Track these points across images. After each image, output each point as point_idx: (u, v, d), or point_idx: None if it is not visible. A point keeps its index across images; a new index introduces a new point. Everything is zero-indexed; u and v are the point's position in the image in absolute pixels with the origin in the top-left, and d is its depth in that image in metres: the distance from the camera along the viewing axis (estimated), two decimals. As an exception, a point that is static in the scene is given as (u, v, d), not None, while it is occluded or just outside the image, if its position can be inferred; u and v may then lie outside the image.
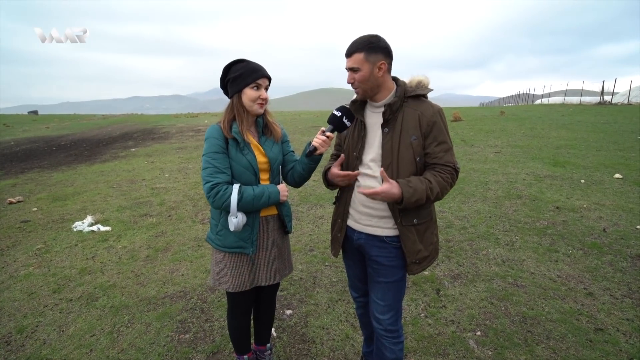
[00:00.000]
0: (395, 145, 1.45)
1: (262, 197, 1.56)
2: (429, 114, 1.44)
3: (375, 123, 1.53)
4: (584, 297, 2.63)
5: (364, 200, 1.55)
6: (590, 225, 3.84)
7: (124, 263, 3.37)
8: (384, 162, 1.47)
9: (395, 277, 1.56)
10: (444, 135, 1.45)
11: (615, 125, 11.78)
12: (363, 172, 1.56)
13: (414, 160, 1.46)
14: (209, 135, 1.57)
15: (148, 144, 12.74)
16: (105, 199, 5.77)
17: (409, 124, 1.45)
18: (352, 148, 1.59)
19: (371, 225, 1.55)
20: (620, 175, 5.76)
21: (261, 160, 1.64)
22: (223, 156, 1.56)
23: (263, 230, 1.69)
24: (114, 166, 8.84)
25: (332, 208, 1.82)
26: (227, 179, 1.54)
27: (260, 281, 1.71)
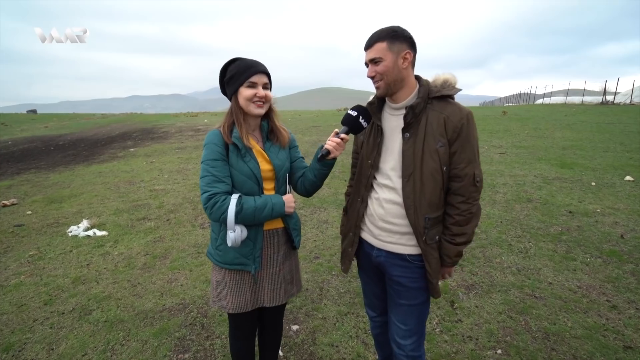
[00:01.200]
0: (418, 152, 1.30)
1: (264, 209, 1.40)
2: (456, 118, 1.28)
3: (395, 127, 1.38)
4: (607, 310, 2.47)
5: (383, 214, 1.40)
6: (607, 231, 3.68)
7: (120, 271, 3.21)
8: (404, 171, 1.32)
9: (419, 299, 1.42)
10: (471, 143, 1.30)
11: (620, 125, 11.63)
12: (381, 182, 1.41)
13: (440, 170, 1.30)
14: (208, 141, 1.44)
15: (147, 143, 12.57)
16: (103, 201, 5.61)
17: (433, 129, 1.29)
18: (366, 155, 1.45)
19: (392, 242, 1.40)
20: (632, 177, 5.61)
21: (265, 167, 1.49)
22: (222, 164, 1.42)
23: (267, 246, 1.53)
24: (112, 167, 8.67)
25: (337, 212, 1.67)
26: (226, 188, 1.39)
27: (263, 301, 1.54)
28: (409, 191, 1.31)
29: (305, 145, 9.59)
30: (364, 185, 1.45)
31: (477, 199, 1.32)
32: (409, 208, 1.31)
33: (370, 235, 1.47)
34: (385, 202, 1.38)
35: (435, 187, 1.30)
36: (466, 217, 1.30)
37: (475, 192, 1.31)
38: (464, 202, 1.30)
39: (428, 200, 1.30)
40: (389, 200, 1.37)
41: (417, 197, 1.30)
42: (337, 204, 4.95)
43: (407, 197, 1.31)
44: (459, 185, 1.30)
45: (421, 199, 1.30)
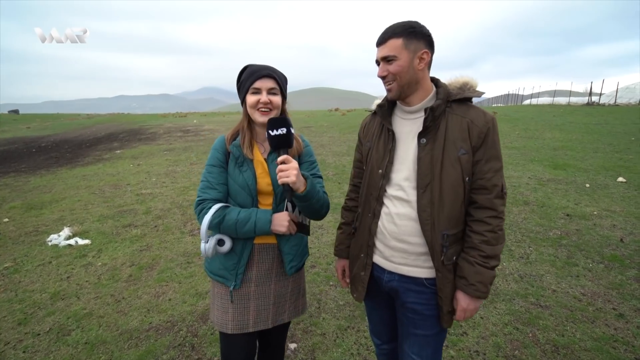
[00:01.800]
0: (437, 160, 1.15)
1: (246, 223, 1.27)
2: (481, 122, 1.15)
3: (409, 132, 1.24)
4: (615, 319, 2.40)
5: (396, 232, 1.23)
6: (606, 235, 3.64)
7: (103, 285, 3.01)
8: (420, 181, 1.17)
9: (437, 328, 1.26)
10: (496, 150, 1.17)
11: (607, 126, 11.82)
12: (392, 194, 1.25)
13: (462, 181, 1.16)
14: (213, 146, 1.41)
15: (134, 145, 12.23)
16: (86, 206, 5.35)
17: (455, 134, 1.16)
18: (376, 164, 1.29)
19: (407, 265, 1.24)
20: (624, 179, 5.64)
21: (263, 181, 1.35)
22: (219, 170, 1.37)
23: (259, 261, 1.39)
24: (97, 170, 8.36)
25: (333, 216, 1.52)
26: (217, 196, 1.34)
27: (248, 325, 1.37)
28: (426, 204, 1.16)
29: None
30: (375, 197, 1.29)
31: (504, 213, 1.17)
32: (425, 223, 1.16)
33: (380, 257, 1.31)
34: (398, 218, 1.22)
35: (456, 200, 1.16)
36: (498, 234, 1.15)
37: (503, 205, 1.16)
38: (495, 217, 1.14)
39: (447, 214, 1.15)
40: (403, 216, 1.21)
41: (434, 211, 1.15)
42: (332, 208, 4.79)
43: (423, 211, 1.16)
44: (487, 198, 1.15)
45: (439, 213, 1.15)
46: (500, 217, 1.15)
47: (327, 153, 8.55)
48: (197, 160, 8.77)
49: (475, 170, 1.16)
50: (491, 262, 1.15)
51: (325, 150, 8.93)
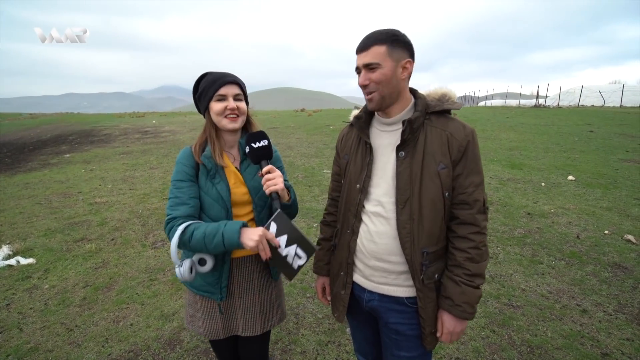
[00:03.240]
0: (416, 174, 1.12)
1: (214, 237, 1.16)
2: (460, 136, 1.12)
3: (387, 145, 1.19)
4: (579, 315, 2.53)
5: (375, 251, 1.19)
6: (564, 232, 3.88)
7: (52, 311, 2.66)
8: (399, 196, 1.13)
9: (421, 349, 1.22)
10: (477, 164, 1.14)
11: (554, 127, 12.81)
12: (371, 210, 1.19)
13: (442, 196, 1.12)
14: (178, 159, 1.34)
15: (86, 148, 11.29)
16: (29, 219, 4.79)
17: (434, 148, 1.12)
18: (354, 178, 1.25)
19: (387, 284, 1.20)
20: (573, 177, 6.09)
21: (238, 190, 1.31)
22: (188, 185, 1.29)
23: (238, 274, 1.37)
24: (42, 176, 7.58)
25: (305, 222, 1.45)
26: (188, 211, 1.26)
27: (237, 330, 1.41)
28: (405, 220, 1.12)
29: None
30: (352, 214, 1.24)
31: (486, 228, 1.16)
32: (405, 240, 1.12)
33: (360, 276, 1.26)
34: (377, 236, 1.18)
35: (435, 216, 1.12)
36: (482, 250, 1.12)
37: (485, 221, 1.14)
38: (478, 233, 1.12)
39: (427, 230, 1.12)
40: (383, 234, 1.17)
41: (414, 228, 1.12)
42: (304, 212, 4.71)
43: (403, 228, 1.12)
44: (468, 213, 1.12)
45: (419, 230, 1.12)
46: (483, 233, 1.13)
47: (295, 155, 8.42)
48: (157, 164, 8.25)
49: (456, 184, 1.13)
50: (476, 280, 1.11)
51: (293, 152, 8.79)
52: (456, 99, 1.21)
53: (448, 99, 1.19)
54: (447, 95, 1.20)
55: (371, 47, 1.09)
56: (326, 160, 7.72)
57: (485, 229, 1.14)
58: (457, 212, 1.14)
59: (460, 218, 1.13)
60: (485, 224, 1.14)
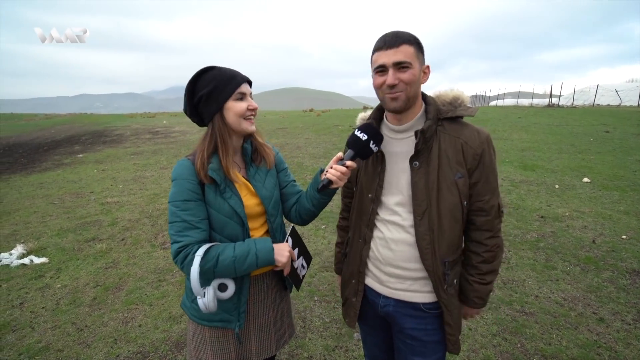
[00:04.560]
0: (432, 184, 1.09)
1: (246, 258, 1.10)
2: (475, 143, 1.09)
3: (399, 153, 1.16)
4: (596, 324, 2.44)
5: (392, 258, 1.17)
6: (579, 237, 3.77)
7: (63, 311, 2.70)
8: (417, 207, 1.10)
9: (437, 354, 1.20)
10: (493, 170, 1.12)
11: (567, 127, 12.52)
12: (386, 218, 1.17)
13: (460, 205, 1.11)
14: (176, 175, 1.14)
15: (98, 148, 11.49)
16: (43, 219, 4.89)
17: (449, 157, 1.09)
18: (366, 187, 1.22)
19: (404, 290, 1.18)
20: (588, 179, 5.93)
21: (251, 202, 1.21)
22: (196, 205, 1.13)
23: (254, 293, 1.27)
24: (56, 176, 7.74)
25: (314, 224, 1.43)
26: (201, 236, 1.12)
27: (251, 355, 1.30)
28: (424, 231, 1.10)
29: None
30: (365, 223, 1.22)
31: (501, 230, 1.17)
32: (426, 252, 1.11)
33: (375, 281, 1.24)
34: (393, 244, 1.16)
35: (455, 226, 1.12)
36: (495, 252, 1.15)
37: (500, 224, 1.16)
38: (493, 237, 1.14)
39: (447, 241, 1.11)
40: (399, 241, 1.15)
41: (435, 239, 1.10)
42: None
43: (422, 239, 1.10)
44: (485, 220, 1.13)
45: (440, 241, 1.10)
46: (497, 236, 1.15)
47: (303, 155, 8.41)
48: (167, 164, 8.34)
49: (472, 192, 1.12)
50: (488, 277, 1.17)
51: (301, 152, 8.78)
52: (468, 102, 1.17)
53: (461, 102, 1.15)
54: (459, 98, 1.16)
55: (401, 46, 1.04)
56: (334, 161, 7.69)
57: (500, 231, 1.16)
58: (475, 218, 1.14)
59: (477, 224, 1.14)
60: (500, 226, 1.16)
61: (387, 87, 1.07)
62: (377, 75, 1.09)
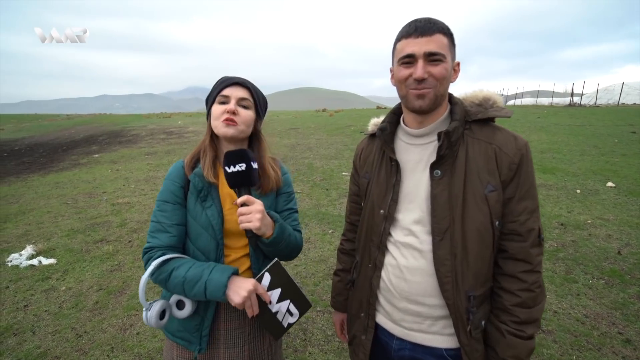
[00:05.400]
0: (456, 197, 0.91)
1: (195, 284, 0.98)
2: (511, 149, 0.91)
3: (418, 162, 0.99)
4: (621, 345, 2.25)
5: (407, 291, 0.97)
6: (602, 247, 3.53)
7: (65, 315, 2.69)
8: (436, 225, 0.92)
9: None
10: (532, 185, 0.92)
11: (590, 128, 11.98)
12: (400, 240, 0.99)
13: (490, 225, 0.91)
14: (167, 174, 1.14)
15: (114, 148, 11.74)
16: (55, 219, 4.97)
17: (479, 165, 0.91)
18: (377, 202, 1.04)
19: (422, 331, 0.98)
20: (613, 183, 5.60)
21: (233, 218, 1.09)
22: (174, 208, 1.09)
23: (226, 319, 1.13)
24: (71, 176, 7.92)
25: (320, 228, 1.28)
26: (169, 241, 1.06)
27: None
28: (444, 255, 0.92)
29: (284, 150, 9.19)
30: (375, 245, 1.04)
31: (542, 264, 0.93)
32: (445, 281, 0.92)
33: (387, 319, 1.05)
34: (408, 273, 0.97)
35: (483, 250, 0.92)
36: (536, 293, 0.90)
37: (540, 255, 0.92)
38: (531, 272, 0.90)
39: (473, 268, 0.91)
40: (416, 270, 0.96)
41: (457, 265, 0.91)
42: (320, 218, 4.59)
43: (442, 265, 0.92)
44: (521, 247, 0.91)
45: (463, 268, 0.91)
46: (537, 271, 0.91)
47: (314, 156, 8.33)
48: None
49: (506, 210, 0.92)
50: (528, 329, 0.90)
51: (312, 153, 8.70)
52: (502, 104, 0.99)
53: (493, 103, 0.98)
54: (490, 99, 0.99)
55: (435, 34, 0.89)
56: (345, 162, 7.57)
57: (540, 266, 0.92)
58: (506, 243, 0.93)
59: (510, 251, 0.92)
60: (540, 259, 0.92)
61: (413, 81, 0.91)
62: (402, 66, 0.93)
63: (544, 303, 0.94)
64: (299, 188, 5.95)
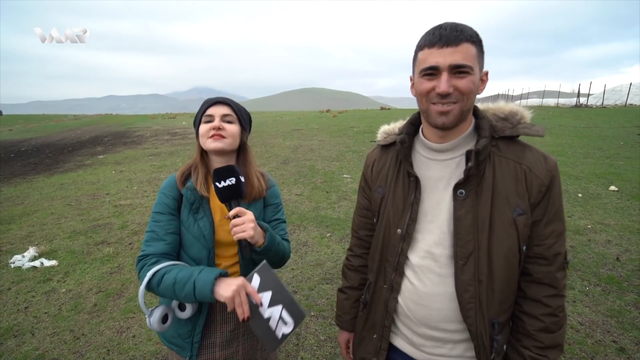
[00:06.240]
0: (483, 221, 0.87)
1: (185, 285, 1.00)
2: (542, 171, 0.86)
3: (439, 179, 0.94)
4: (615, 354, 2.23)
5: (426, 317, 0.94)
6: (601, 252, 3.50)
7: (64, 317, 2.74)
8: (460, 249, 0.88)
9: None
10: (559, 208, 0.89)
11: (596, 129, 11.85)
12: (419, 264, 0.95)
13: (518, 250, 0.87)
14: (161, 187, 1.21)
15: (119, 149, 11.87)
16: (58, 220, 5.05)
17: (507, 187, 0.87)
18: (394, 221, 0.98)
19: (443, 355, 0.96)
20: (615, 187, 5.54)
21: (224, 228, 1.16)
22: (168, 219, 1.15)
23: (222, 321, 1.19)
24: (76, 177, 8.03)
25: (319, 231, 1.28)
26: (164, 249, 1.12)
27: None
28: (468, 281, 0.88)
29: (286, 151, 9.23)
30: (392, 265, 0.99)
31: (566, 288, 0.92)
32: (469, 308, 0.88)
33: (406, 343, 1.02)
34: (429, 299, 0.93)
35: (510, 277, 0.88)
36: (559, 317, 0.88)
37: (564, 279, 0.90)
38: (556, 296, 0.88)
39: (499, 296, 0.88)
40: (437, 297, 0.92)
41: (481, 291, 0.88)
42: (319, 221, 4.61)
43: (466, 291, 0.88)
44: (546, 271, 0.88)
45: (488, 294, 0.88)
46: (562, 295, 0.89)
47: (316, 158, 8.35)
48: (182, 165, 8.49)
49: (533, 234, 0.88)
50: (551, 354, 0.88)
51: (314, 154, 8.72)
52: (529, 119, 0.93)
53: (520, 119, 0.92)
54: (517, 114, 0.92)
55: (462, 44, 0.81)
56: (347, 165, 7.58)
57: (565, 290, 0.91)
58: (531, 267, 0.90)
59: (534, 275, 0.89)
60: (564, 284, 0.90)
61: (436, 95, 0.84)
62: (424, 78, 0.86)
63: (566, 327, 0.92)
64: (299, 190, 5.98)
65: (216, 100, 1.18)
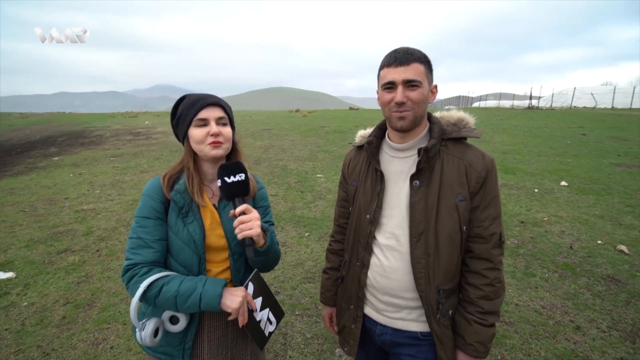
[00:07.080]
0: (432, 205, 1.07)
1: (189, 297, 1.01)
2: (479, 166, 1.07)
3: (399, 172, 1.15)
4: (573, 332, 2.48)
5: (388, 287, 1.14)
6: (557, 242, 3.85)
7: (28, 332, 2.55)
8: (413, 229, 1.08)
9: None
10: (495, 196, 1.10)
11: (546, 129, 12.87)
12: (384, 243, 1.15)
13: (459, 230, 1.08)
14: (145, 191, 1.15)
15: (76, 150, 11.09)
16: (12, 228, 4.65)
17: (452, 178, 1.08)
18: (363, 207, 1.19)
19: (401, 319, 1.16)
20: (566, 182, 6.09)
21: (214, 233, 1.14)
22: (155, 224, 1.11)
23: (210, 329, 1.17)
24: (28, 181, 7.40)
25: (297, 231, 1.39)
26: (153, 257, 1.07)
27: None
28: (419, 255, 1.08)
29: (258, 151, 9.13)
30: (362, 245, 1.19)
31: (502, 263, 1.11)
32: (420, 277, 1.09)
33: (372, 310, 1.22)
34: (391, 272, 1.14)
35: (453, 252, 1.08)
36: (497, 287, 1.08)
37: (501, 255, 1.10)
38: (493, 269, 1.08)
39: (443, 267, 1.08)
40: (396, 270, 1.13)
41: (430, 264, 1.08)
42: (295, 221, 4.62)
43: (417, 263, 1.08)
44: (484, 248, 1.08)
45: (435, 266, 1.08)
46: (498, 269, 1.09)
47: (288, 158, 8.34)
48: (148, 167, 8.11)
49: (472, 217, 1.09)
50: (490, 318, 1.07)
51: (286, 154, 8.70)
52: (473, 124, 1.16)
53: (465, 124, 1.15)
54: (464, 120, 1.16)
55: (412, 64, 1.04)
56: (319, 164, 7.65)
57: (501, 264, 1.10)
58: (472, 245, 1.10)
59: (475, 252, 1.09)
60: (500, 259, 1.10)
61: (394, 104, 1.06)
62: (385, 91, 1.08)
63: (504, 296, 1.11)
64: (274, 191, 5.95)
65: (209, 102, 1.12)
